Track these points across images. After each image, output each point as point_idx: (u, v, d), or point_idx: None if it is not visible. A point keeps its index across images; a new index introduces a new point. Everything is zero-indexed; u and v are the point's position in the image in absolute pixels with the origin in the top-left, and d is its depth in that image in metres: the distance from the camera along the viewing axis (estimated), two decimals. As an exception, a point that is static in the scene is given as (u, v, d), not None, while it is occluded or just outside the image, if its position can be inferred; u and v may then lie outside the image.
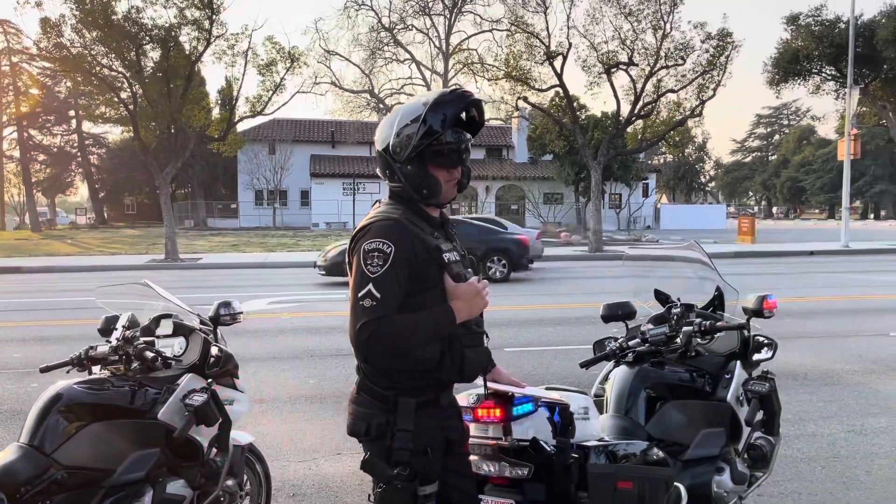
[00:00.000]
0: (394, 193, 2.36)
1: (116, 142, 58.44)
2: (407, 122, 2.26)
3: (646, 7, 26.75)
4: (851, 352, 8.14)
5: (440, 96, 2.28)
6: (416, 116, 2.24)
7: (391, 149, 2.28)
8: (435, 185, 2.29)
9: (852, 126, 26.76)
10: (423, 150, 2.25)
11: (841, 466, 4.71)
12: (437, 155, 2.27)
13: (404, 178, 2.29)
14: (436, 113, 2.24)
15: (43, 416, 2.70)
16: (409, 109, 2.29)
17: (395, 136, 2.27)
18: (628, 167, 40.33)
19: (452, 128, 2.28)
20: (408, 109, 2.29)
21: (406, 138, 2.25)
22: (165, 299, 3.27)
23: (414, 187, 2.29)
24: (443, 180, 2.30)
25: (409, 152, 2.25)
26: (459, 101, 2.30)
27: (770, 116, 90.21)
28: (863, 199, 71.89)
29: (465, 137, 2.33)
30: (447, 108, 2.26)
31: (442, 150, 2.27)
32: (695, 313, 3.34)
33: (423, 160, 2.27)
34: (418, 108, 2.27)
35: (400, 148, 2.26)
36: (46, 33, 22.22)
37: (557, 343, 8.81)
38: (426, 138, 2.24)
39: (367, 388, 2.30)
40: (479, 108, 2.37)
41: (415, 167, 2.27)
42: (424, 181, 2.28)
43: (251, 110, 25.08)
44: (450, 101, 2.28)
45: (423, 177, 2.28)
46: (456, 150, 2.30)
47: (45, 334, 9.80)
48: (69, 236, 40.27)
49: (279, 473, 4.56)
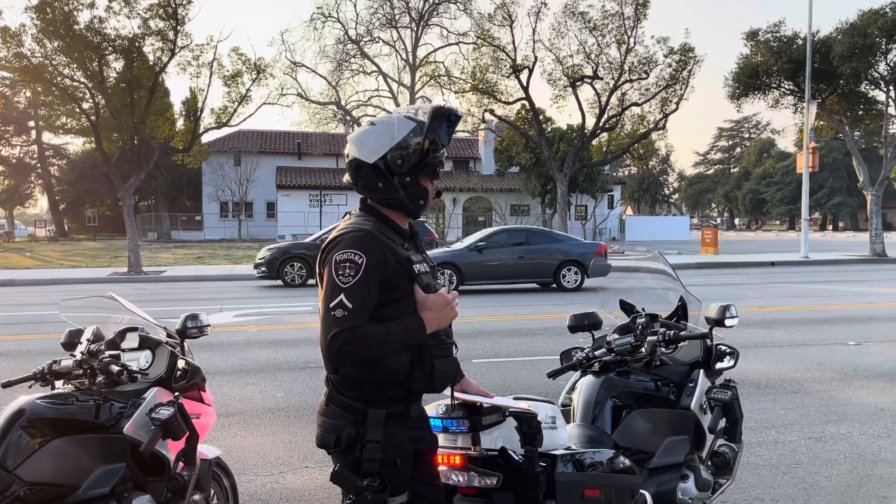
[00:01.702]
0: (365, 206, 2.38)
1: (77, 153, 57.43)
2: (405, 132, 2.28)
3: (610, 22, 27.23)
4: (811, 360, 8.32)
5: (438, 110, 2.34)
6: (414, 128, 2.28)
7: (391, 160, 2.29)
8: (426, 196, 2.36)
9: (810, 139, 27.43)
10: (418, 162, 2.30)
11: (802, 472, 4.81)
12: (428, 167, 2.33)
13: (403, 190, 2.31)
14: (439, 126, 2.31)
15: (5, 431, 2.65)
16: (403, 121, 2.31)
17: (395, 149, 2.28)
18: (594, 179, 40.83)
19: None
20: (402, 121, 2.31)
21: (412, 150, 2.28)
22: (131, 312, 3.24)
23: (411, 198, 2.33)
24: (430, 191, 2.37)
25: (413, 164, 2.29)
26: (450, 114, 2.36)
27: (731, 129, 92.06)
28: (821, 210, 73.57)
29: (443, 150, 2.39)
30: (442, 121, 2.33)
31: (433, 162, 2.33)
32: (659, 323, 3.40)
33: (416, 172, 2.31)
34: (411, 120, 2.30)
35: (402, 160, 2.28)
36: (6, 42, 21.79)
37: (524, 354, 8.87)
38: (432, 149, 2.30)
39: (337, 400, 2.30)
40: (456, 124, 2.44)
41: (411, 179, 2.31)
42: (419, 192, 2.34)
43: (216, 122, 24.87)
44: (443, 115, 2.34)
45: (418, 188, 2.33)
46: (440, 162, 2.37)
47: (4, 349, 9.57)
48: (28, 249, 39.40)
49: (246, 487, 4.52)
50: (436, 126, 2.30)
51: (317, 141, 50.15)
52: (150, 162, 23.84)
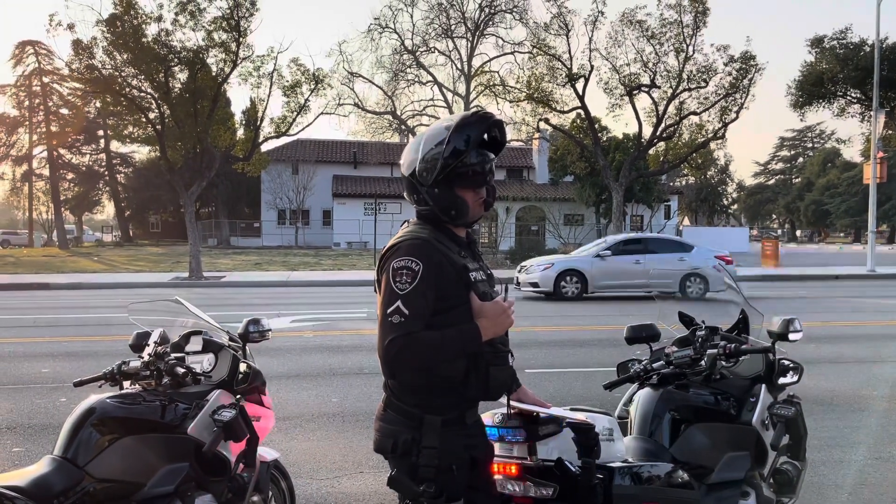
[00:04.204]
0: (421, 215, 2.41)
1: (143, 161, 59.39)
2: (431, 146, 2.31)
3: (668, 30, 26.86)
4: (878, 378, 8.03)
5: (463, 119, 2.34)
6: (441, 140, 2.30)
7: (418, 173, 2.33)
8: (463, 206, 2.35)
9: (878, 149, 26.52)
10: (449, 172, 2.30)
11: (868, 494, 4.64)
12: (462, 176, 2.32)
13: (432, 201, 2.33)
14: (459, 135, 2.30)
15: (76, 429, 2.76)
16: (432, 134, 2.35)
17: (420, 161, 2.32)
18: (650, 189, 40.23)
19: (476, 149, 2.33)
20: (431, 134, 2.35)
21: (432, 162, 2.30)
22: (196, 316, 3.33)
23: (442, 209, 2.34)
24: (470, 200, 2.35)
25: (436, 175, 2.30)
26: (482, 122, 2.36)
27: (794, 139, 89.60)
28: (889, 222, 70.86)
29: (488, 157, 2.39)
30: (471, 129, 2.32)
31: (467, 171, 2.32)
32: (719, 336, 3.33)
33: (451, 182, 2.32)
34: (441, 132, 2.32)
35: (426, 172, 2.31)
36: (78, 55, 22.71)
37: (579, 365, 8.78)
38: (451, 160, 2.29)
39: (394, 406, 2.33)
40: (501, 129, 2.43)
41: (442, 189, 2.32)
42: (452, 203, 2.33)
43: (275, 131, 25.42)
44: (473, 122, 2.34)
45: (451, 198, 2.33)
46: (481, 171, 2.35)
47: (73, 350, 9.94)
48: (95, 253, 40.86)
49: (302, 491, 4.59)
50: (458, 135, 2.29)
51: (372, 150, 50.74)
52: (211, 170, 24.50)
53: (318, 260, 32.73)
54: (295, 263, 30.33)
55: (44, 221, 69.54)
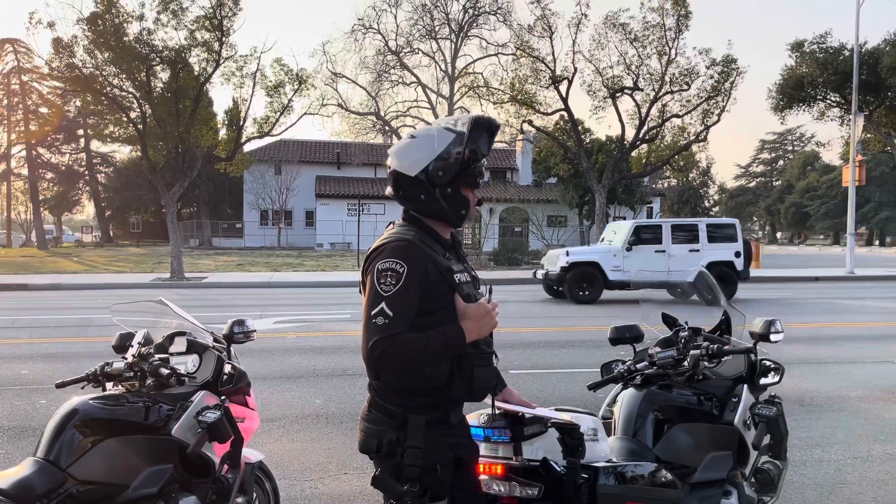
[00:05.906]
0: (408, 216, 2.41)
1: (124, 161, 58.81)
2: (447, 145, 2.30)
3: (651, 33, 27.03)
4: (857, 378, 8.13)
5: (477, 120, 2.35)
6: (460, 139, 2.30)
7: (431, 173, 2.31)
8: (468, 207, 2.38)
9: (857, 152, 26.86)
10: (459, 172, 2.32)
11: (848, 492, 4.71)
12: (469, 177, 2.35)
13: (445, 202, 2.33)
14: (478, 135, 2.32)
15: (59, 430, 2.73)
16: (442, 134, 2.32)
17: (436, 160, 2.30)
18: (632, 191, 40.44)
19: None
20: (442, 134, 2.33)
21: (452, 161, 2.30)
22: (180, 317, 3.31)
23: (453, 209, 2.35)
24: (471, 201, 2.38)
25: (454, 175, 2.31)
26: (489, 124, 2.38)
27: (774, 142, 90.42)
28: (868, 225, 71.78)
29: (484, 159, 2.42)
30: (482, 131, 2.35)
31: (474, 172, 2.35)
32: (702, 337, 3.37)
33: (457, 182, 2.33)
34: (450, 133, 2.32)
35: (443, 171, 2.30)
36: (58, 53, 22.47)
37: (563, 366, 8.82)
38: (472, 161, 2.31)
39: (379, 406, 2.33)
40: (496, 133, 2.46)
41: (453, 190, 2.33)
42: (461, 203, 2.36)
43: (258, 131, 25.29)
44: (483, 125, 2.35)
45: (460, 199, 2.35)
46: (481, 172, 2.39)
47: (52, 351, 9.83)
48: (75, 254, 40.44)
49: (287, 492, 4.58)
50: (476, 136, 2.32)
51: (356, 151, 50.58)
52: (193, 170, 24.34)
53: (301, 261, 32.61)
54: (278, 264, 30.19)
55: (22, 221, 68.75)
